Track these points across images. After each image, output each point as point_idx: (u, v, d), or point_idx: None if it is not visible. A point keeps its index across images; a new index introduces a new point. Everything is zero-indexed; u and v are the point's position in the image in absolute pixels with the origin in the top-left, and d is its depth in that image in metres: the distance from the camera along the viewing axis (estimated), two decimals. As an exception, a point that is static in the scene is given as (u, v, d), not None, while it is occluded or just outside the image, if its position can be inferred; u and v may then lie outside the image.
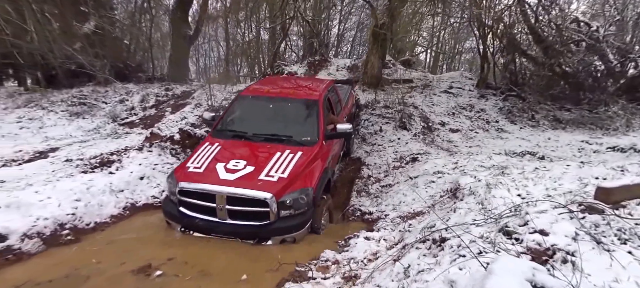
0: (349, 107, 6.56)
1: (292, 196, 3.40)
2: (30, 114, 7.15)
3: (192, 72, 20.93)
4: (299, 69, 10.63)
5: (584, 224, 2.30)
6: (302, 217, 3.47)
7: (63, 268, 2.76)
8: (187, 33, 9.85)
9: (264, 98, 4.83)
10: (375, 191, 5.67)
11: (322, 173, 3.90)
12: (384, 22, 9.03)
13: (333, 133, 4.38)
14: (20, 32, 8.46)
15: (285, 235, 3.42)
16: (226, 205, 3.32)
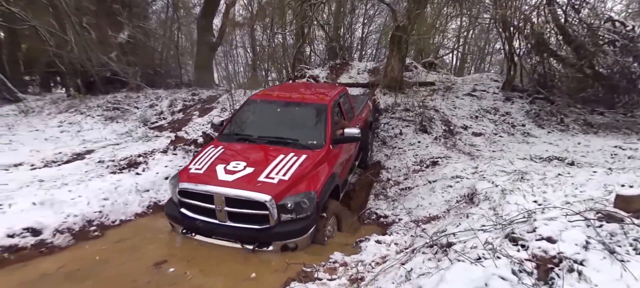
0: (364, 116, 6.23)
1: (294, 199, 3.23)
2: (70, 119, 7.75)
3: (222, 77, 21.72)
4: (320, 73, 10.74)
5: (599, 233, 2.21)
6: (304, 222, 3.29)
7: (89, 260, 3.02)
8: (211, 40, 10.29)
9: (272, 102, 4.75)
10: (393, 194, 5.64)
11: (327, 178, 3.73)
12: (404, 24, 8.95)
13: (341, 137, 4.22)
14: (62, 43, 9.19)
15: (286, 241, 3.26)
16: (225, 207, 3.23)
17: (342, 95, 5.21)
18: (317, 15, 8.97)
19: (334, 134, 4.22)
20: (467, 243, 2.70)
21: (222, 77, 21.38)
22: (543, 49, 8.74)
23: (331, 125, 4.24)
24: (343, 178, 4.62)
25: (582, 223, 2.37)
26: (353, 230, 4.71)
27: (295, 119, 4.46)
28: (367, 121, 6.27)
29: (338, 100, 4.87)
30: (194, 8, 12.74)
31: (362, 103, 6.49)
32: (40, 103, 9.07)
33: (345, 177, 4.92)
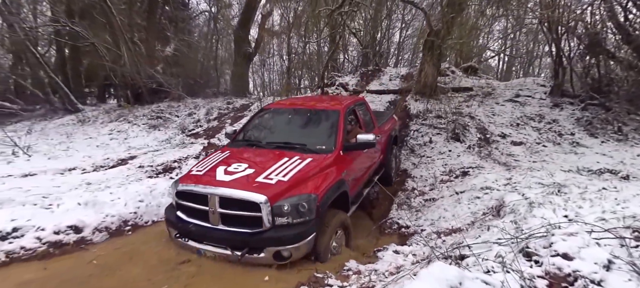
0: (387, 129, 5.81)
1: (290, 201, 2.96)
2: (119, 127, 8.55)
3: (258, 85, 22.61)
4: (350, 80, 10.73)
5: (632, 253, 1.96)
6: (301, 227, 2.98)
7: (119, 253, 3.34)
8: (247, 50, 10.78)
9: (284, 110, 4.68)
10: (417, 205, 5.44)
11: (333, 183, 3.41)
12: (438, 29, 8.66)
13: (354, 144, 3.96)
14: (116, 58, 10.22)
15: (280, 247, 2.92)
16: (218, 208, 3.01)
17: (358, 104, 5.00)
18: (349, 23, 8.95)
19: (347, 140, 4.00)
20: (480, 255, 2.56)
21: (258, 85, 22.24)
22: (598, 50, 7.92)
23: (343, 131, 3.98)
24: (356, 189, 4.22)
25: (613, 241, 2.12)
26: (374, 239, 4.64)
27: (305, 125, 4.29)
28: (391, 135, 5.85)
29: (353, 107, 4.67)
30: (233, 20, 13.45)
31: (386, 117, 6.23)
32: (95, 113, 10.11)
33: (360, 189, 4.49)
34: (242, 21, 10.62)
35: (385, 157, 5.48)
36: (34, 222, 3.52)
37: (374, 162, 5.07)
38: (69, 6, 11.87)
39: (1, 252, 3.19)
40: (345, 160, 3.84)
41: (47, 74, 10.57)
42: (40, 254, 3.31)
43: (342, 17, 8.14)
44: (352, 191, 3.95)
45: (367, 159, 4.66)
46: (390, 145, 5.72)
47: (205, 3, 15.76)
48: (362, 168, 4.47)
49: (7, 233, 3.38)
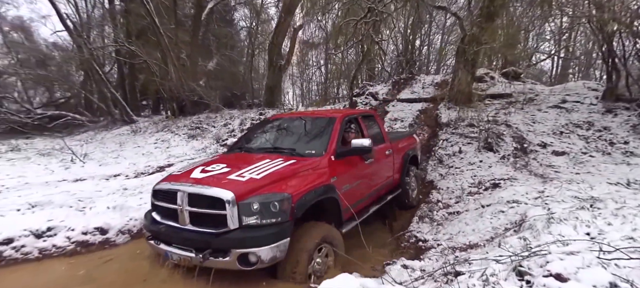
0: (402, 146, 5.35)
1: (260, 199, 2.69)
2: (163, 137, 9.37)
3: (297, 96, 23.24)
4: (381, 89, 10.63)
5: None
6: (271, 229, 2.69)
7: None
8: (280, 63, 11.22)
9: (283, 119, 4.60)
10: (440, 218, 5.22)
11: (316, 186, 3.09)
12: (473, 34, 8.28)
13: (347, 149, 3.66)
14: (165, 74, 11.27)
15: (245, 250, 2.60)
16: (186, 206, 2.82)
17: (365, 116, 4.73)
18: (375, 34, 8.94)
19: (339, 146, 3.71)
20: (475, 273, 2.44)
21: (298, 95, 22.83)
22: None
23: (337, 136, 3.71)
24: (355, 203, 3.75)
25: (635, 263, 1.91)
26: (388, 252, 4.55)
27: (300, 133, 4.10)
28: (408, 154, 5.37)
29: (355, 117, 4.39)
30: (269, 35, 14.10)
31: (402, 135, 5.86)
32: (146, 124, 11.19)
33: (362, 205, 3.99)
34: (276, 35, 11.12)
35: (401, 176, 5.11)
36: (67, 222, 3.95)
37: (384, 178, 4.65)
38: (128, 29, 13.43)
39: (35, 249, 3.63)
40: (338, 167, 3.53)
41: (108, 90, 12.00)
42: (68, 252, 3.70)
43: (365, 28, 8.14)
44: (348, 202, 3.54)
45: (371, 172, 4.24)
46: (407, 165, 5.25)
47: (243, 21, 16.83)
48: (365, 181, 4.06)
49: (42, 232, 3.79)
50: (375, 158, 4.23)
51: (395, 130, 7.18)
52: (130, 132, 10.17)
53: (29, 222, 3.91)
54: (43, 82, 14.75)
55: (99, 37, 14.72)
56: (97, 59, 12.35)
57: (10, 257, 3.54)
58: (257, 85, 15.94)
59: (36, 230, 3.79)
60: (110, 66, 15.08)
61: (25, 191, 5.19)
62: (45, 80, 14.36)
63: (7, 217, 4.14)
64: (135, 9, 11.87)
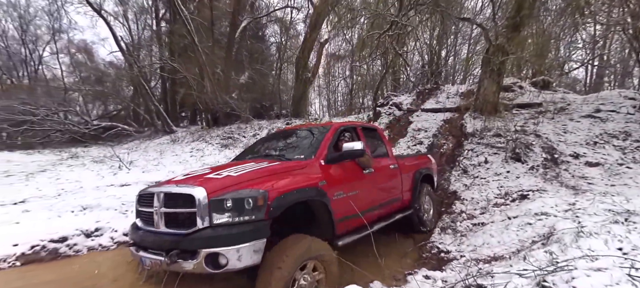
0: (412, 164, 5.13)
1: (233, 196, 2.50)
2: (198, 146, 10.00)
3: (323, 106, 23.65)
4: (405, 99, 10.71)
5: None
6: (244, 227, 2.47)
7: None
8: (306, 75, 11.65)
9: (284, 131, 4.66)
10: (464, 229, 5.23)
11: (300, 186, 2.88)
12: (499, 44, 8.22)
13: (339, 154, 3.51)
14: (201, 87, 12.06)
15: (213, 249, 2.38)
16: (162, 208, 2.71)
17: (366, 128, 4.64)
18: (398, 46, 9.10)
19: (330, 151, 3.57)
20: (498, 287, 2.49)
21: (324, 106, 23.23)
22: None
23: (328, 142, 3.61)
24: (352, 213, 3.45)
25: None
26: (410, 262, 4.63)
27: (295, 142, 4.05)
28: (420, 172, 5.15)
29: (353, 127, 4.28)
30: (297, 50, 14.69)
31: (413, 156, 5.78)
32: (183, 134, 11.98)
33: (363, 217, 3.63)
34: (303, 49, 11.59)
35: (412, 196, 4.89)
36: (112, 224, 4.36)
37: (389, 194, 4.37)
38: (171, 47, 14.53)
39: (85, 247, 4.07)
40: (330, 172, 3.34)
41: (153, 103, 13.05)
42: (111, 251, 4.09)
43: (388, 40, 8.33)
44: (343, 213, 3.31)
45: (372, 185, 3.98)
46: (418, 184, 5.00)
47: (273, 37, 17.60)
48: (363, 193, 3.76)
49: (91, 232, 4.21)
50: (376, 171, 4.03)
51: (412, 154, 7.23)
52: (169, 142, 10.94)
53: (80, 222, 4.34)
54: (100, 96, 16.50)
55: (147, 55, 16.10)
56: (144, 75, 13.57)
57: (64, 253, 3.97)
58: (285, 96, 16.51)
59: (86, 230, 4.22)
60: (155, 81, 16.40)
61: (79, 194, 5.82)
62: (101, 95, 16.12)
63: (63, 217, 4.68)
64: (178, 30, 12.93)
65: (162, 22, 15.85)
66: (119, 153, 8.98)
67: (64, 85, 18.31)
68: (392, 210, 4.46)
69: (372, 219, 3.95)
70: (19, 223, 4.43)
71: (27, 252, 3.73)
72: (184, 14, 11.26)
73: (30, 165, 8.77)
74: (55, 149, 11.46)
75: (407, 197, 4.84)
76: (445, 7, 8.15)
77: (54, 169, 8.11)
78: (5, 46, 20.12)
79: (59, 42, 20.48)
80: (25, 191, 6.20)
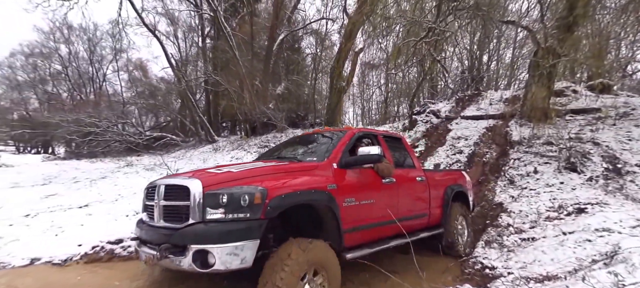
0: (442, 179, 4.74)
1: (230, 191, 2.37)
2: (238, 154, 10.43)
3: (357, 115, 23.59)
4: (444, 106, 10.34)
5: None
6: (238, 224, 2.31)
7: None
8: (341, 84, 11.73)
9: (303, 135, 4.58)
10: (511, 244, 4.90)
11: (305, 188, 2.69)
12: (548, 46, 7.69)
13: (355, 158, 3.25)
14: (241, 99, 12.62)
15: (201, 245, 2.25)
16: (162, 201, 2.64)
17: (388, 136, 4.36)
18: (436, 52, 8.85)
19: (345, 155, 3.33)
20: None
21: (358, 114, 23.14)
22: None
23: (343, 146, 3.37)
24: (366, 223, 3.22)
25: None
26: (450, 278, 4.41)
27: (311, 145, 3.87)
28: (452, 189, 4.75)
29: (373, 135, 4.03)
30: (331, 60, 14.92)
31: (446, 170, 5.47)
32: (224, 143, 12.57)
33: (379, 230, 3.43)
34: (338, 59, 11.72)
35: (442, 214, 4.50)
36: None
37: (414, 208, 4.02)
38: (214, 62, 15.47)
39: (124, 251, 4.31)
40: (342, 176, 3.11)
41: (197, 114, 13.92)
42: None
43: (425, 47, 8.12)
44: (354, 222, 3.06)
45: (392, 195, 3.64)
46: (449, 201, 4.59)
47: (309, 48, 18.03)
48: (381, 204, 3.46)
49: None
50: (398, 181, 3.71)
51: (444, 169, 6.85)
52: (211, 150, 11.54)
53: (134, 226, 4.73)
54: (152, 109, 18.06)
55: (193, 70, 17.31)
56: (190, 88, 14.57)
57: (119, 254, 4.27)
58: (320, 106, 16.73)
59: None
60: (199, 94, 17.54)
61: (134, 199, 6.33)
62: (153, 108, 17.65)
63: (118, 221, 5.11)
64: (221, 46, 13.77)
65: (207, 39, 16.95)
66: (167, 161, 9.66)
67: (123, 100, 20.31)
68: (416, 227, 4.05)
69: (391, 234, 3.62)
70: (83, 226, 4.92)
71: (89, 251, 4.11)
72: (227, 31, 11.95)
73: (93, 172, 9.74)
74: (114, 158, 12.64)
75: (436, 214, 4.44)
76: (486, 10, 7.78)
77: (113, 176, 8.94)
78: (77, 66, 22.87)
79: (120, 60, 22.92)
80: (89, 196, 6.88)
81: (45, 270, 3.76)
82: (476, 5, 8.00)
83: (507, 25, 11.56)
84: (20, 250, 4.11)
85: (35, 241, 4.40)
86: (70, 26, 21.87)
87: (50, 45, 22.94)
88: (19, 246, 4.24)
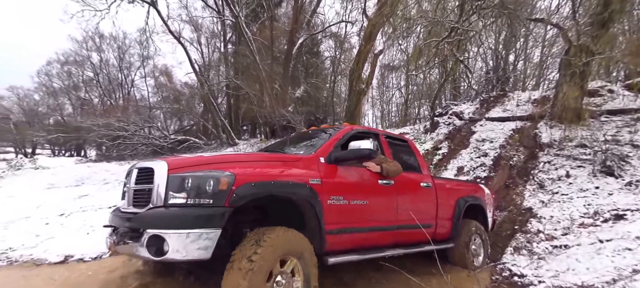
0: (454, 188, 4.38)
1: (195, 175, 2.21)
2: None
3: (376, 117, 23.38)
4: (467, 108, 10.05)
5: None
6: (199, 210, 2.13)
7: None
8: (360, 87, 11.65)
9: (304, 132, 4.40)
10: (542, 251, 4.69)
11: (282, 179, 2.47)
12: (581, 44, 7.31)
13: (345, 153, 3.00)
14: (260, 102, 12.82)
15: (155, 230, 2.08)
16: (133, 184, 2.51)
17: (391, 136, 4.06)
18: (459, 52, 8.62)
19: (336, 150, 3.09)
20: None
21: (377, 117, 22.93)
22: None
23: (335, 142, 3.15)
24: (354, 226, 2.96)
25: None
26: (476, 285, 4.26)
27: (307, 141, 3.61)
28: (465, 200, 4.34)
29: (374, 133, 3.76)
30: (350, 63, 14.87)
31: (461, 181, 5.17)
32: (245, 146, 12.77)
33: (371, 236, 3.15)
34: (357, 61, 11.67)
35: (452, 227, 4.11)
36: None
37: (416, 215, 3.53)
38: (235, 67, 15.82)
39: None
40: (330, 172, 2.86)
41: (219, 118, 14.27)
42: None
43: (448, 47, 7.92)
44: (339, 223, 2.79)
45: (389, 199, 3.31)
46: (460, 213, 4.18)
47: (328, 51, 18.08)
48: (376, 207, 3.17)
49: None
50: (398, 184, 3.40)
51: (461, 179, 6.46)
52: (232, 153, 11.77)
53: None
54: (176, 113, 18.73)
55: (215, 75, 17.80)
56: (213, 93, 14.99)
57: None
58: (339, 108, 16.70)
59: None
60: (221, 98, 17.99)
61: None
62: (177, 112, 18.35)
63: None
64: (242, 50, 14.08)
65: (228, 44, 17.37)
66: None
67: (149, 105, 21.15)
68: (418, 237, 3.59)
69: (386, 241, 3.33)
70: (112, 224, 5.11)
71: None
72: (248, 36, 12.17)
73: (122, 174, 10.13)
74: (140, 160, 13.10)
75: (444, 227, 4.05)
76: (513, 9, 7.50)
77: (139, 178, 9.23)
78: (107, 73, 24.09)
79: (147, 67, 23.93)
80: (117, 197, 7.15)
81: (78, 266, 3.95)
82: (502, 4, 7.72)
83: (536, 24, 11.09)
84: (55, 247, 4.34)
85: (69, 239, 4.63)
86: (101, 35, 23.08)
87: (83, 53, 24.26)
88: (54, 244, 4.48)
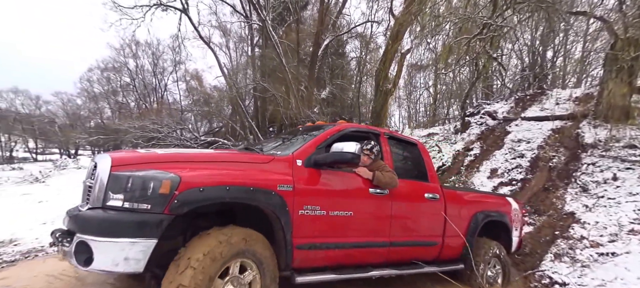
0: (470, 200, 3.84)
1: (138, 174, 1.95)
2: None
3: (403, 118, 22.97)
4: (501, 107, 9.63)
5: None
6: (132, 216, 1.88)
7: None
8: (387, 86, 11.47)
9: (297, 129, 3.99)
10: (586, 258, 4.42)
11: (241, 184, 2.14)
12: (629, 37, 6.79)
13: (325, 156, 2.58)
14: (286, 104, 12.97)
15: (82, 235, 1.85)
16: (87, 180, 2.23)
17: (397, 139, 3.56)
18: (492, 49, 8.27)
19: (318, 151, 2.68)
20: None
21: (404, 117, 22.51)
22: None
23: (318, 142, 2.73)
24: (334, 240, 2.62)
25: None
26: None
27: (294, 138, 3.20)
28: (482, 215, 3.75)
29: (374, 133, 3.29)
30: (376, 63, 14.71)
31: (482, 193, 4.79)
32: (271, 147, 12.95)
33: (356, 253, 2.80)
34: (383, 61, 11.51)
35: (464, 244, 3.53)
36: None
37: (417, 230, 3.23)
38: (262, 69, 16.19)
39: None
40: (306, 177, 2.51)
41: (247, 119, 14.63)
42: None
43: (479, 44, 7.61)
44: (311, 237, 2.47)
45: (383, 212, 2.91)
46: (475, 231, 3.65)
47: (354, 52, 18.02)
48: (362, 219, 2.79)
49: None
50: (394, 193, 2.96)
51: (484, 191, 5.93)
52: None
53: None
54: (206, 116, 19.51)
55: (243, 78, 18.33)
56: (241, 95, 15.39)
57: None
58: (364, 109, 16.57)
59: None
60: (248, 100, 18.50)
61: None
62: (207, 114, 19.11)
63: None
64: (269, 54, 14.38)
65: (255, 47, 17.82)
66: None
67: (181, 108, 22.10)
68: (418, 256, 3.19)
69: (374, 260, 2.92)
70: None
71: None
72: (274, 39, 12.38)
73: (155, 173, 10.63)
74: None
75: (454, 245, 3.50)
76: (551, 2, 7.08)
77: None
78: (142, 78, 25.55)
79: (179, 72, 25.12)
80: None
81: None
82: (538, -3, 7.32)
83: (577, 17, 10.42)
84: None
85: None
86: (137, 42, 24.42)
87: (121, 60, 25.83)
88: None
